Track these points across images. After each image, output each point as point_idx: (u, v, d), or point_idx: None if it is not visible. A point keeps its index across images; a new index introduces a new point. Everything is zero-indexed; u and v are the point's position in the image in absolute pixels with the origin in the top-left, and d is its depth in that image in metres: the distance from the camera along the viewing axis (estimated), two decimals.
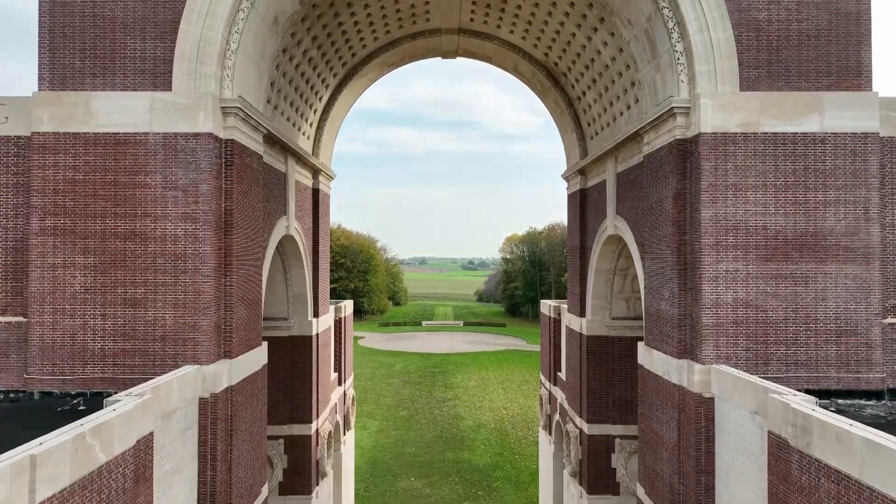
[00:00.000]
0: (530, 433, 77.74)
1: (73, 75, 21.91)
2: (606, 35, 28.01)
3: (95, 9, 21.93)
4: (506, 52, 37.53)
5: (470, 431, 79.37)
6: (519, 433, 78.59)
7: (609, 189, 31.67)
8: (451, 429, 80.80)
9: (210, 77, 21.93)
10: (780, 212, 21.91)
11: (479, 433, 78.67)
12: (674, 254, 22.99)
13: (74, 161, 21.67)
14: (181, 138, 21.69)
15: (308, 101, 33.60)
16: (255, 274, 24.86)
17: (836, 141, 21.95)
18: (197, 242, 21.64)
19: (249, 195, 24.07)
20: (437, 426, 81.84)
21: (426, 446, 73.58)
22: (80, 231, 21.64)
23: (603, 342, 35.79)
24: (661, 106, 23.38)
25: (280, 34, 25.84)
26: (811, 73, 22.16)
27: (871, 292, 21.76)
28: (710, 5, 22.10)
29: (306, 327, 35.94)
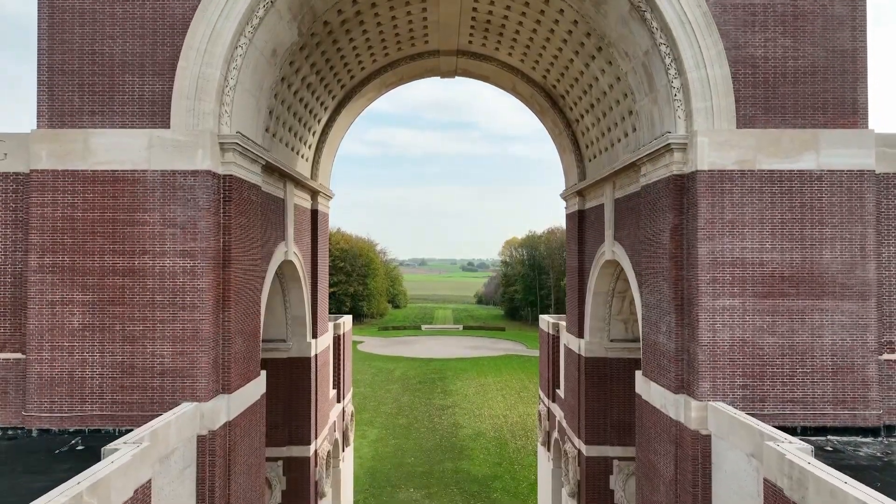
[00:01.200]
0: (529, 442, 77.81)
1: (71, 112, 21.97)
2: (604, 63, 28.08)
3: (94, 46, 21.98)
4: (504, 73, 37.59)
5: (469, 440, 79.43)
6: (518, 442, 78.62)
7: (607, 214, 31.74)
8: (450, 437, 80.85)
9: (208, 114, 21.99)
10: (776, 248, 21.98)
11: (478, 442, 78.74)
12: (671, 288, 23.05)
13: (73, 198, 21.72)
14: (179, 176, 21.75)
15: (307, 124, 33.66)
16: (253, 305, 24.92)
17: (832, 178, 22.02)
18: (195, 279, 21.70)
19: (248, 228, 24.13)
20: (436, 434, 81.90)
21: (425, 456, 73.62)
22: (78, 268, 21.69)
23: (601, 364, 35.87)
24: (658, 140, 23.44)
25: (278, 65, 25.90)
26: (807, 110, 22.23)
27: (867, 329, 21.83)
28: (707, 43, 22.16)
29: (305, 349, 36.00)
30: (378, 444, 77.40)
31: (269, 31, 23.78)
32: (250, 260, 24.43)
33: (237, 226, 23.06)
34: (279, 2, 23.15)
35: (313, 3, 25.15)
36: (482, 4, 30.35)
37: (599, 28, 26.15)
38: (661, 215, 23.83)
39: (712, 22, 22.18)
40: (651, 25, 22.89)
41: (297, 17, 24.88)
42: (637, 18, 23.34)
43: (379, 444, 77.84)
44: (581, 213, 37.50)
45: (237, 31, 22.28)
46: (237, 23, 22.12)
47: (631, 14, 23.54)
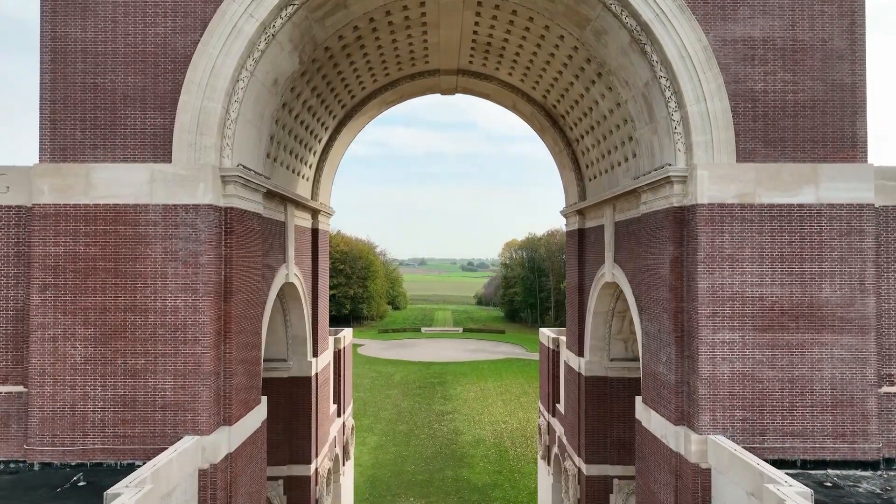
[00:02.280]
0: (529, 449, 77.89)
1: (73, 146, 22.04)
2: (604, 88, 28.13)
3: (97, 80, 22.05)
4: (504, 91, 37.63)
5: (469, 447, 79.48)
6: (518, 450, 78.66)
7: (607, 236, 31.80)
8: (450, 444, 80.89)
9: (210, 148, 22.06)
10: (776, 282, 22.06)
11: (478, 449, 78.78)
12: (671, 320, 23.12)
13: (75, 232, 21.80)
14: (181, 210, 21.82)
15: (308, 145, 33.71)
16: (254, 334, 25.00)
17: (831, 212, 22.10)
18: (197, 313, 21.77)
19: (249, 257, 24.20)
20: (436, 442, 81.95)
21: (425, 463, 73.68)
22: (80, 302, 21.77)
23: (601, 383, 35.94)
24: (658, 172, 23.51)
25: (280, 93, 25.96)
26: (807, 144, 22.30)
27: (866, 363, 21.91)
28: (708, 77, 22.22)
29: (306, 368, 36.08)
30: (378, 452, 77.45)
31: (271, 63, 23.85)
32: (251, 289, 24.50)
33: (239, 257, 23.12)
34: (280, 34, 23.20)
35: (314, 32, 25.20)
36: (482, 28, 30.39)
37: (599, 56, 26.21)
38: (660, 246, 23.89)
39: (712, 56, 22.24)
40: (651, 59, 22.95)
41: (298, 47, 24.94)
42: (637, 51, 23.41)
43: (379, 451, 77.89)
44: (581, 231, 37.56)
45: (239, 65, 22.34)
46: (238, 57, 22.19)
47: (631, 46, 23.60)
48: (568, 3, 24.57)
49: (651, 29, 22.41)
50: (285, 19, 22.83)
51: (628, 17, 22.90)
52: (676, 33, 22.27)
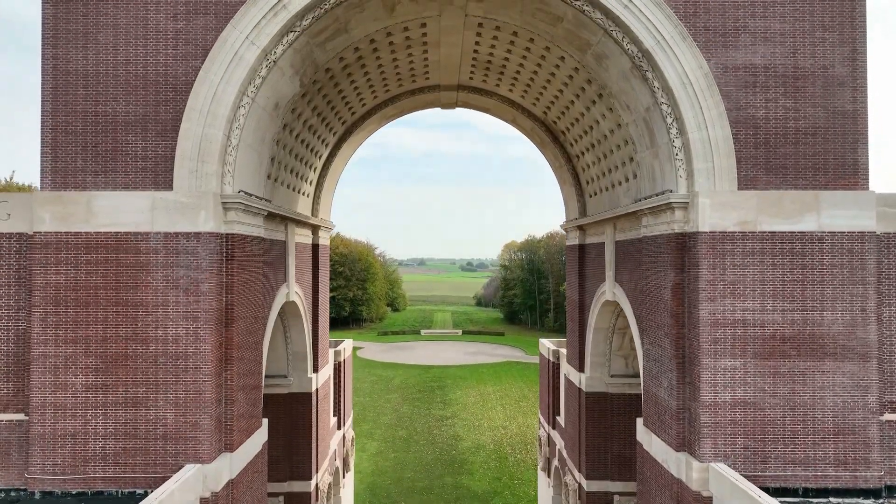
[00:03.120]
0: (529, 456, 77.91)
1: (74, 174, 22.01)
2: (605, 109, 28.11)
3: (98, 107, 22.02)
4: (505, 106, 37.62)
5: (469, 453, 79.49)
6: (518, 455, 78.68)
7: (608, 254, 31.78)
8: (449, 450, 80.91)
9: (211, 175, 22.03)
10: (777, 309, 22.06)
11: (478, 455, 78.79)
12: (672, 345, 23.12)
13: (76, 260, 21.78)
14: (182, 238, 21.80)
15: (308, 162, 33.70)
16: (255, 358, 24.99)
17: (833, 240, 22.10)
18: (198, 341, 21.76)
19: (250, 282, 24.19)
20: (435, 448, 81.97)
21: (425, 470, 73.70)
22: (81, 331, 21.75)
23: (602, 399, 35.94)
24: (659, 198, 23.50)
25: (281, 117, 25.94)
26: (808, 171, 22.30)
27: (868, 390, 21.92)
28: (709, 104, 22.22)
29: (306, 384, 36.08)
30: (378, 458, 77.45)
31: (272, 88, 23.82)
32: (252, 313, 24.49)
33: (239, 282, 23.11)
34: (282, 60, 23.17)
35: (315, 56, 25.17)
36: (483, 48, 30.38)
37: (600, 79, 26.20)
38: (662, 271, 23.89)
39: (713, 83, 22.23)
40: (652, 85, 22.94)
41: (299, 71, 24.91)
42: (638, 77, 23.40)
43: (379, 457, 77.90)
44: (582, 246, 37.55)
45: (240, 92, 22.32)
46: (240, 84, 22.17)
47: (632, 72, 23.59)
48: (569, 28, 24.55)
49: (652, 56, 22.41)
50: (286, 46, 22.81)
51: (629, 44, 22.89)
52: (678, 60, 22.25)
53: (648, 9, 22.24)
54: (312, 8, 22.58)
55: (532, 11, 24.78)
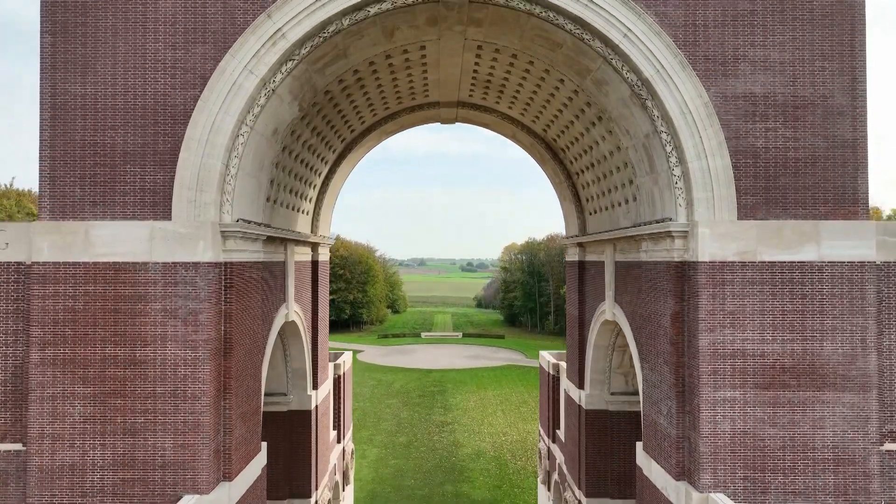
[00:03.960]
0: (529, 463, 77.90)
1: (73, 203, 21.97)
2: (604, 131, 28.05)
3: (96, 137, 21.97)
4: (504, 123, 37.56)
5: (469, 460, 79.45)
6: (518, 463, 78.64)
7: (608, 274, 31.73)
8: (450, 457, 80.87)
9: (210, 204, 21.99)
10: (777, 340, 22.02)
11: (478, 462, 78.74)
12: (672, 373, 23.08)
13: (74, 291, 21.73)
14: (181, 268, 21.76)
15: (308, 180, 33.65)
16: (254, 384, 24.95)
17: (832, 270, 22.05)
18: (197, 371, 21.72)
19: (249, 308, 24.15)
20: (436, 454, 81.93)
21: (425, 478, 73.67)
22: (79, 361, 21.71)
23: (602, 416, 35.91)
24: (659, 225, 23.45)
25: (280, 141, 25.90)
26: (808, 201, 22.25)
27: (868, 421, 21.88)
28: (709, 133, 22.16)
29: (306, 402, 36.05)
30: (378, 465, 77.41)
31: (271, 115, 23.78)
32: (252, 339, 24.46)
33: (238, 310, 23.07)
34: (280, 88, 23.13)
35: (315, 81, 25.13)
36: (482, 68, 30.33)
37: (600, 103, 26.14)
38: (662, 298, 23.85)
39: (713, 112, 22.18)
40: (652, 113, 22.89)
41: (297, 96, 24.87)
42: (638, 104, 23.35)
43: (379, 464, 77.85)
44: (582, 263, 37.50)
45: (239, 121, 22.27)
46: (238, 113, 22.12)
47: (632, 99, 23.54)
48: (568, 54, 24.50)
49: (652, 85, 22.36)
50: (285, 74, 22.77)
51: (629, 73, 22.84)
52: (677, 89, 22.20)
53: (648, 38, 22.18)
54: (311, 37, 22.53)
55: (531, 37, 24.73)
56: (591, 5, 22.18)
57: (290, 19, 22.03)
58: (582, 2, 22.19)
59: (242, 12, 22.12)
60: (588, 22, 22.31)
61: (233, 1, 22.10)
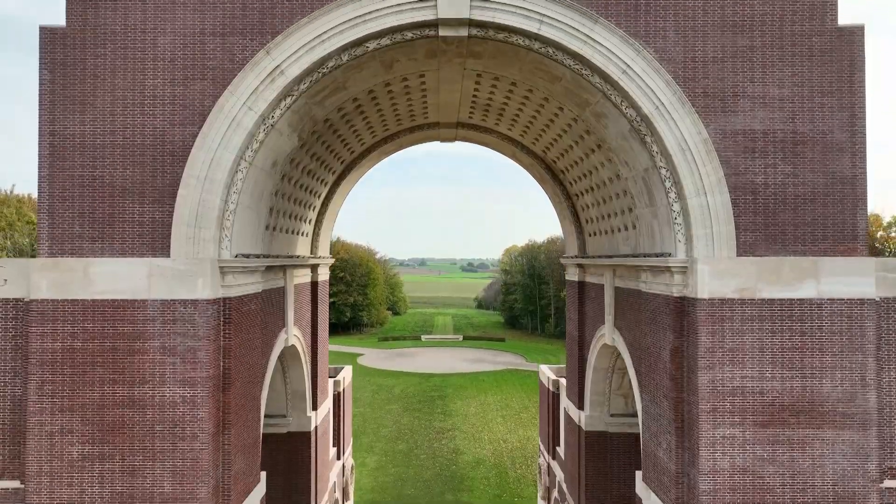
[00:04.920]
0: (529, 471, 77.95)
1: (71, 240, 21.95)
2: (604, 159, 28.01)
3: (95, 173, 21.96)
4: (504, 143, 37.51)
5: (469, 469, 79.50)
6: (518, 471, 78.69)
7: (607, 297, 31.70)
8: (450, 465, 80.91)
9: (209, 241, 21.96)
10: (776, 377, 21.99)
11: (478, 471, 78.79)
12: (671, 408, 23.07)
13: (73, 328, 21.72)
14: (179, 305, 21.74)
15: (307, 203, 33.63)
16: (253, 416, 24.95)
17: (832, 307, 22.02)
18: (195, 408, 21.71)
19: (249, 340, 24.15)
20: (436, 462, 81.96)
21: (425, 486, 73.74)
22: (78, 398, 21.71)
23: (602, 438, 35.90)
24: (658, 259, 23.45)
25: (279, 171, 25.88)
26: (807, 237, 22.22)
27: (868, 458, 21.85)
28: (708, 170, 22.12)
29: (305, 423, 36.04)
30: (378, 473, 77.44)
31: (270, 149, 23.76)
32: (250, 372, 24.45)
33: (237, 344, 23.07)
34: (280, 123, 23.10)
35: (313, 112, 25.10)
36: (482, 93, 30.29)
37: (599, 133, 26.11)
38: (661, 331, 23.83)
39: (712, 149, 22.15)
40: (651, 148, 22.86)
41: (297, 128, 24.85)
42: (637, 139, 23.31)
43: (379, 472, 77.88)
44: (581, 284, 37.47)
45: (238, 157, 22.25)
46: (237, 149, 22.11)
47: (631, 133, 23.50)
48: (568, 87, 24.46)
49: (651, 121, 22.32)
50: (284, 109, 22.74)
51: (628, 108, 22.81)
52: (676, 126, 22.16)
53: (647, 74, 22.14)
54: (311, 72, 22.50)
55: (530, 69, 24.69)
56: (591, 42, 22.14)
57: (288, 56, 22.00)
58: (581, 38, 22.14)
59: (241, 49, 22.08)
60: (587, 58, 22.28)
61: (231, 37, 22.05)
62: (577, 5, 22.07)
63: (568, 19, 22.06)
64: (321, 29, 21.96)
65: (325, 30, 21.98)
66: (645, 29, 22.28)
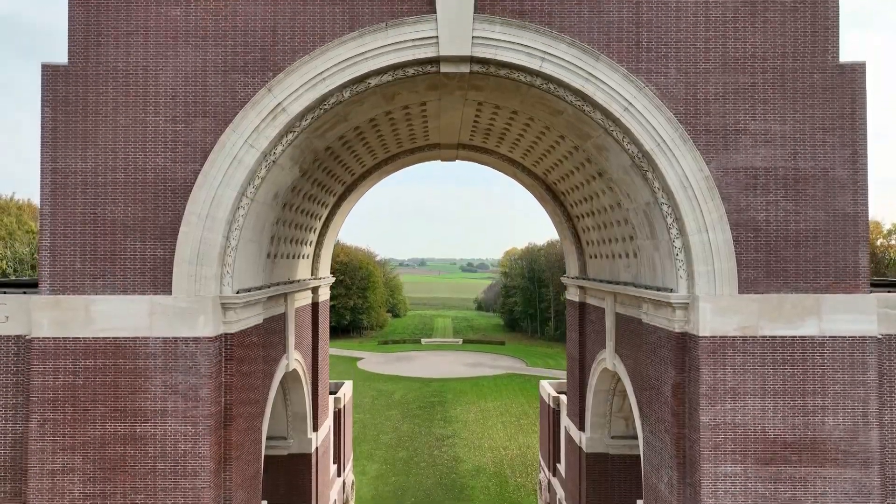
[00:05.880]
0: (529, 480, 77.95)
1: (73, 277, 21.94)
2: (605, 186, 27.98)
3: (96, 210, 21.95)
4: (505, 164, 37.50)
5: (469, 477, 79.48)
6: (518, 479, 78.67)
7: (608, 323, 31.71)
8: (450, 474, 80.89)
9: (210, 278, 21.96)
10: (778, 415, 21.99)
11: (478, 479, 78.77)
12: (673, 444, 23.06)
13: (74, 366, 21.72)
14: (181, 343, 21.74)
15: (308, 226, 33.62)
16: (254, 447, 24.94)
17: (834, 345, 22.01)
18: (197, 445, 21.71)
19: (250, 374, 24.13)
20: (436, 471, 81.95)
21: (425, 495, 73.71)
22: (79, 436, 21.70)
23: (603, 460, 35.92)
24: (660, 294, 23.45)
25: (281, 202, 25.88)
26: (809, 274, 22.21)
27: (870, 496, 21.85)
28: (710, 207, 22.11)
29: (306, 444, 36.05)
30: (378, 482, 77.40)
31: (272, 183, 23.75)
32: (252, 405, 24.44)
33: (239, 379, 23.05)
34: (281, 158, 23.08)
35: (315, 145, 25.09)
36: (483, 119, 30.28)
37: (600, 164, 26.10)
38: (662, 365, 23.83)
39: (714, 186, 22.13)
40: (652, 184, 22.84)
41: (298, 161, 24.84)
42: (638, 174, 23.30)
43: (379, 481, 77.85)
44: (582, 305, 37.47)
45: (239, 194, 22.25)
46: (239, 186, 22.11)
47: (632, 168, 23.49)
48: (569, 121, 24.45)
49: (652, 157, 22.30)
50: (286, 145, 22.72)
51: (629, 144, 22.80)
52: (678, 163, 22.15)
53: (649, 111, 22.13)
54: (312, 109, 22.50)
55: (532, 102, 24.67)
56: (593, 79, 22.13)
57: (290, 94, 21.99)
58: (583, 76, 22.13)
59: (243, 86, 22.06)
60: (589, 95, 22.27)
61: (233, 75, 22.03)
62: (578, 43, 22.05)
63: (570, 57, 22.04)
64: (323, 66, 21.93)
65: (326, 67, 21.96)
66: (647, 66, 22.27)
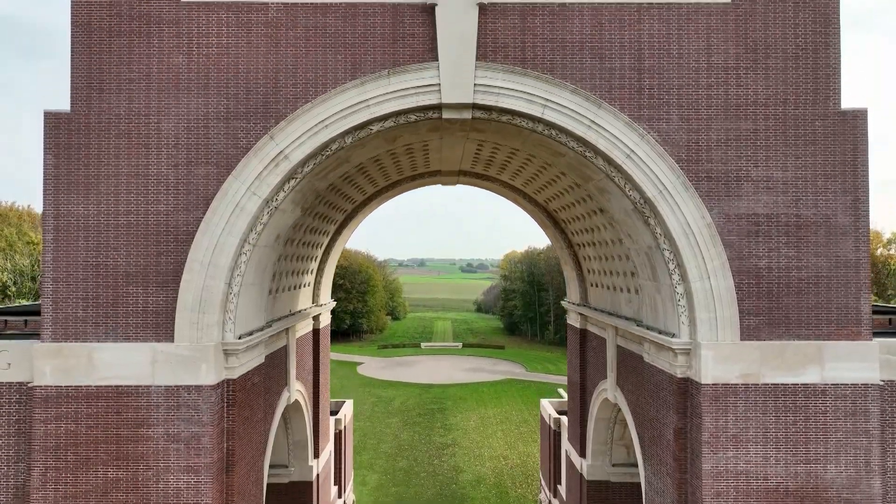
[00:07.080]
0: (529, 490, 78.03)
1: (75, 324, 21.94)
2: (606, 222, 27.97)
3: (99, 258, 21.95)
4: (506, 190, 37.51)
5: (469, 488, 79.54)
6: (518, 490, 78.74)
7: (609, 354, 31.70)
8: (450, 484, 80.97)
9: (212, 326, 21.97)
10: (780, 462, 22.01)
11: (478, 490, 78.83)
12: (675, 488, 23.10)
13: (76, 414, 21.73)
14: (183, 391, 21.75)
15: (308, 256, 33.64)
16: (256, 488, 25.00)
17: (836, 392, 22.04)
18: (199, 494, 21.72)
19: (251, 417, 24.16)
20: (436, 481, 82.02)
21: None
22: (81, 485, 21.71)
23: (604, 487, 35.97)
24: (662, 337, 23.47)
25: (283, 242, 25.88)
26: (811, 321, 22.22)
27: None
28: (711, 254, 22.11)
29: (307, 472, 36.08)
30: (378, 493, 77.44)
31: (274, 227, 23.77)
32: (254, 446, 24.48)
33: (240, 423, 23.08)
34: (284, 203, 23.09)
35: (317, 186, 25.11)
36: (484, 152, 30.28)
37: (602, 203, 26.10)
38: (664, 408, 23.85)
39: (716, 233, 22.13)
40: (654, 230, 22.85)
41: (300, 203, 24.85)
42: (640, 219, 23.30)
43: (379, 492, 77.88)
44: (584, 332, 37.47)
45: (241, 240, 22.25)
46: (241, 234, 22.11)
47: (634, 213, 23.50)
48: (571, 163, 24.46)
49: (654, 204, 22.30)
50: (288, 191, 22.73)
51: (631, 190, 22.80)
52: (680, 210, 22.14)
53: (651, 159, 22.13)
54: (314, 156, 22.51)
55: (533, 144, 24.68)
56: (595, 126, 22.13)
57: (292, 141, 21.98)
58: (585, 123, 22.13)
59: (245, 133, 22.06)
60: (591, 142, 22.27)
61: (235, 122, 22.02)
62: (581, 90, 22.05)
63: (572, 104, 22.05)
64: (325, 114, 21.93)
65: (328, 114, 21.96)
66: (648, 112, 22.27)
